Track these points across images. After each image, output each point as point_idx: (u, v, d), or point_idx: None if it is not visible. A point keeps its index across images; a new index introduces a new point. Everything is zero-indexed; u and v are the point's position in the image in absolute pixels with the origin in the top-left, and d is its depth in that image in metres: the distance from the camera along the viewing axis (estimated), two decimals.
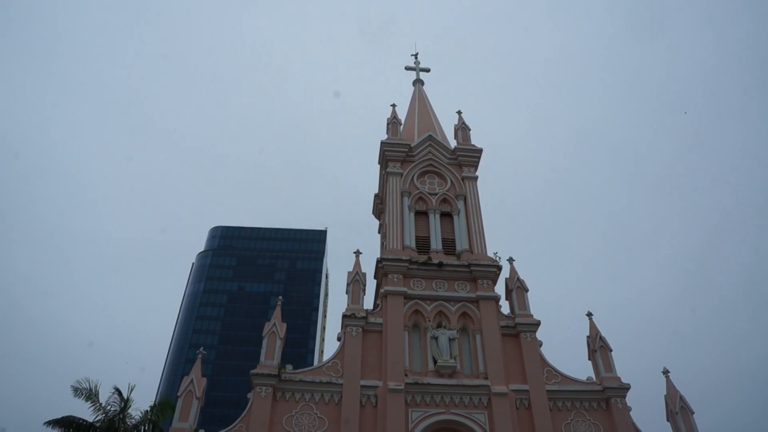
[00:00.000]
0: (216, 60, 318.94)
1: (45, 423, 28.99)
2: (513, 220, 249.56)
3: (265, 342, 27.44)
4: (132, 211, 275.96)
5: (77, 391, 29.80)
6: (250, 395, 26.03)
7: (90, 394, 29.81)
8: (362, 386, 26.48)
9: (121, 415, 30.01)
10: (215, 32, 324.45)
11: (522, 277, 31.44)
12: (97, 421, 29.65)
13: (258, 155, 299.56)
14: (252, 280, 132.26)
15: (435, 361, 27.64)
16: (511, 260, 32.27)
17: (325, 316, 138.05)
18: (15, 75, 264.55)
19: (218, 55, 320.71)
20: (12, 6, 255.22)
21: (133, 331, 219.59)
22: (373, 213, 40.08)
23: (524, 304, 30.35)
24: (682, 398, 27.94)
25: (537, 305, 30.35)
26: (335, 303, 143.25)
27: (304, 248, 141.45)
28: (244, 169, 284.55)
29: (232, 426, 25.23)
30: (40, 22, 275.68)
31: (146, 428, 30.66)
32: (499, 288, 30.92)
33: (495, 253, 31.79)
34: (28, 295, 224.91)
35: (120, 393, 30.53)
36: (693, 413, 27.61)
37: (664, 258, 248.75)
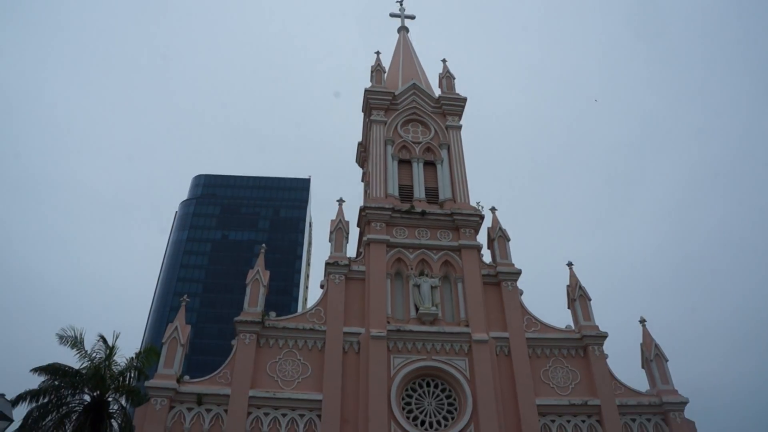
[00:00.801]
0: (201, 6, 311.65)
1: (32, 370, 29.14)
2: (496, 170, 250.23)
3: (248, 289, 27.61)
4: (115, 160, 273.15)
5: (62, 339, 29.89)
6: (234, 342, 26.31)
7: (75, 342, 29.91)
8: (345, 333, 26.82)
9: (106, 362, 30.21)
10: None
11: (504, 226, 31.68)
12: (83, 368, 29.83)
13: (241, 103, 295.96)
14: (236, 228, 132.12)
15: (417, 309, 27.99)
16: (493, 210, 32.46)
17: (308, 264, 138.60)
18: None
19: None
20: None
21: (117, 280, 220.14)
22: (356, 161, 39.95)
23: (506, 254, 30.64)
24: (657, 346, 28.60)
25: (518, 255, 30.71)
26: (318, 252, 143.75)
27: (288, 197, 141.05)
28: (227, 117, 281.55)
29: (216, 372, 25.55)
30: None
31: (132, 375, 30.92)
32: (482, 237, 31.17)
33: (478, 203, 31.98)
34: (9, 244, 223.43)
35: (105, 341, 30.69)
36: (667, 361, 28.34)
37: (645, 210, 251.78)
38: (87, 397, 29.91)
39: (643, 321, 29.58)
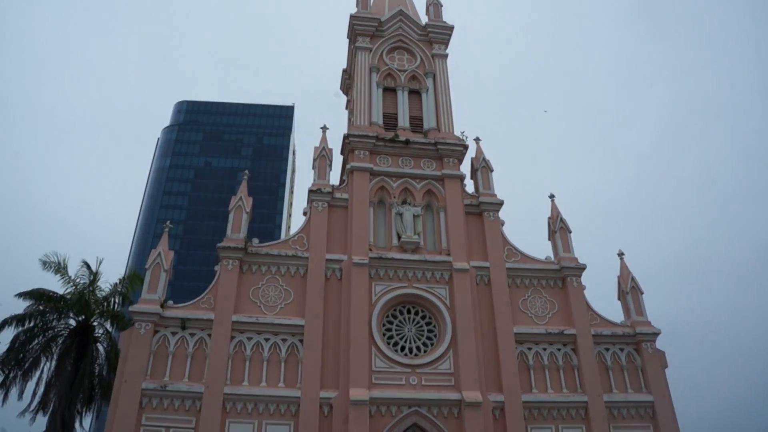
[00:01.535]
0: None
1: (16, 295, 29.18)
2: (482, 100, 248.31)
3: (231, 216, 27.65)
4: (95, 86, 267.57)
5: (45, 264, 29.85)
6: (217, 268, 26.49)
7: (59, 268, 29.90)
8: (327, 260, 27.08)
9: (90, 288, 30.31)
10: None
11: (488, 157, 31.68)
12: (68, 293, 29.94)
13: (224, 29, 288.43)
14: (218, 155, 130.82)
15: (399, 237, 28.23)
16: (477, 140, 32.41)
17: (292, 192, 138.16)
18: None
19: None
20: None
21: (100, 208, 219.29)
22: (341, 89, 39.42)
23: (489, 184, 30.77)
24: (633, 279, 29.23)
25: (501, 186, 30.87)
26: (302, 180, 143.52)
27: (271, 124, 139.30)
28: (209, 42, 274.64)
29: (199, 298, 25.85)
30: None
31: (116, 300, 31.11)
32: (465, 167, 31.22)
33: (462, 133, 31.85)
34: None
35: (89, 266, 30.71)
36: (642, 293, 29.04)
37: (627, 144, 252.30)
38: (72, 322, 30.14)
39: (621, 254, 30.11)
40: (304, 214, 28.81)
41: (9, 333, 28.54)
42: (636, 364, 27.39)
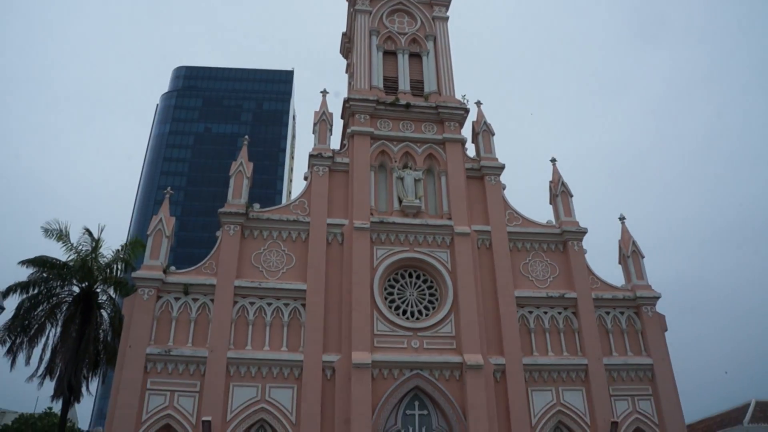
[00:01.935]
0: None
1: (19, 262, 29.29)
2: (483, 63, 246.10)
3: (232, 181, 27.61)
4: (93, 52, 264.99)
5: (47, 232, 29.88)
6: (218, 233, 26.52)
7: (60, 235, 29.94)
8: (328, 224, 27.09)
9: (93, 255, 30.40)
10: None
11: (489, 121, 31.48)
12: (70, 260, 30.03)
13: None
14: (218, 121, 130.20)
15: (400, 201, 28.20)
16: (478, 103, 32.18)
17: (292, 157, 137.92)
18: None
19: None
20: None
21: (101, 176, 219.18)
22: (340, 52, 38.98)
23: (490, 148, 30.63)
24: (634, 243, 29.26)
25: (502, 150, 30.70)
26: (302, 145, 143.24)
27: (271, 89, 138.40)
28: (207, 7, 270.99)
29: (201, 263, 25.92)
30: None
31: (119, 267, 31.22)
32: (466, 131, 31.09)
33: (463, 96, 31.62)
34: None
35: (90, 233, 30.74)
36: (643, 257, 29.10)
37: (631, 109, 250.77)
38: (76, 289, 30.29)
39: (622, 218, 30.10)
40: (305, 178, 28.73)
41: (14, 300, 28.72)
42: (636, 328, 27.55)
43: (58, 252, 30.17)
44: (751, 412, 31.23)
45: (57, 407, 32.32)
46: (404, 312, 26.35)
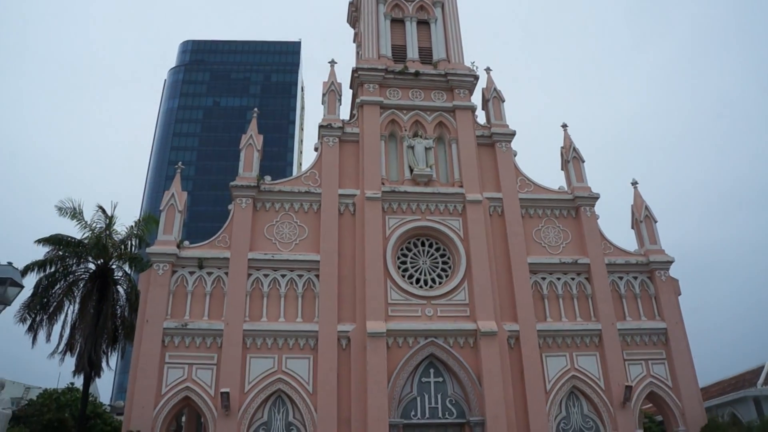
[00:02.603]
0: None
1: (35, 241, 29.50)
2: (492, 31, 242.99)
3: (242, 154, 27.62)
4: (100, 28, 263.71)
5: (61, 210, 29.99)
6: (230, 207, 26.62)
7: (74, 213, 30.05)
8: (340, 195, 27.10)
9: (107, 232, 30.55)
10: None
11: (499, 87, 31.18)
12: (85, 238, 30.22)
13: None
14: (227, 94, 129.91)
15: (411, 170, 28.13)
16: (488, 70, 31.85)
17: (302, 129, 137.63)
18: None
19: None
20: None
21: (112, 153, 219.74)
22: (348, 22, 38.59)
23: (500, 115, 30.39)
24: (647, 208, 29.08)
25: (513, 116, 30.55)
26: (311, 116, 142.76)
27: (279, 60, 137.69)
28: None
29: (215, 237, 26.08)
30: None
31: (133, 243, 31.39)
32: (476, 98, 30.86)
33: (472, 63, 31.32)
34: (5, 120, 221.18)
35: (104, 211, 30.85)
36: (656, 222, 28.93)
37: (643, 73, 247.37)
38: (91, 266, 30.51)
39: (634, 183, 29.89)
40: (316, 149, 28.69)
41: (32, 279, 29.02)
42: (649, 293, 27.52)
43: (72, 230, 30.38)
44: (765, 375, 31.17)
45: (79, 382, 32.81)
46: (417, 281, 26.46)
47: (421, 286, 26.26)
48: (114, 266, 30.76)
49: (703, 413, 25.52)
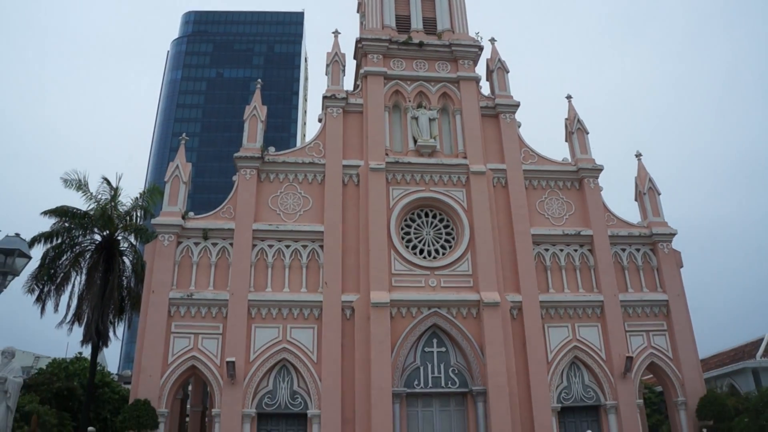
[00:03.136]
0: None
1: (42, 213, 29.67)
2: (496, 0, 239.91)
3: (246, 125, 27.63)
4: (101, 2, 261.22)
5: (67, 182, 30.07)
6: (235, 178, 26.70)
7: (80, 185, 30.15)
8: (344, 166, 27.15)
9: (112, 203, 30.68)
10: None
11: (503, 58, 30.98)
12: (91, 209, 30.36)
13: None
14: (230, 65, 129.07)
15: (415, 141, 28.12)
16: (492, 41, 31.63)
17: (305, 100, 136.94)
18: None
19: None
20: None
21: (116, 125, 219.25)
22: None
23: (504, 86, 30.25)
24: (651, 180, 29.07)
25: (518, 88, 30.40)
26: (315, 87, 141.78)
27: (282, 31, 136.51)
28: None
29: (219, 208, 26.24)
30: None
31: (138, 214, 31.54)
32: (480, 69, 30.67)
33: (477, 33, 31.09)
34: (9, 93, 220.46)
35: (109, 182, 30.95)
36: (659, 194, 28.93)
37: (649, 45, 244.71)
38: (97, 237, 30.71)
39: (638, 155, 29.83)
40: (320, 120, 28.67)
41: (39, 250, 29.26)
42: (652, 264, 27.65)
43: (78, 202, 30.54)
44: (764, 347, 31.45)
45: (86, 352, 33.22)
46: (421, 251, 26.60)
47: (424, 257, 26.41)
48: (120, 237, 30.96)
49: (703, 384, 25.84)
